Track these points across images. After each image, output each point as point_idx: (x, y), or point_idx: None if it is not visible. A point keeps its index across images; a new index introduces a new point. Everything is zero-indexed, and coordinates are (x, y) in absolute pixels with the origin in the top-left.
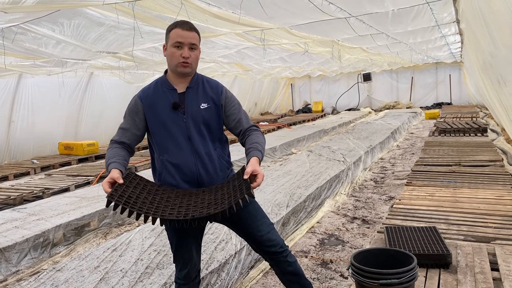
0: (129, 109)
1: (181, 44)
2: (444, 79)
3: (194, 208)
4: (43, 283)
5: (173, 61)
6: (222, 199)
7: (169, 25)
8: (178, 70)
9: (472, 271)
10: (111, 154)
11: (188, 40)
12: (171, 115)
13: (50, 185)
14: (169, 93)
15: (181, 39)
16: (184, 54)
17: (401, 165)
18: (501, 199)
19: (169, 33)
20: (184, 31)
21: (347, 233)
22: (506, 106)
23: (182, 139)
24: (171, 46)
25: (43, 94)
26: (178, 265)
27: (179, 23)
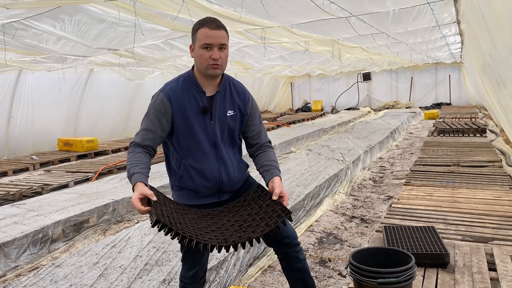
0: (155, 108)
1: (210, 45)
2: (444, 80)
3: (229, 232)
4: (42, 278)
5: (203, 63)
6: (253, 220)
7: (195, 24)
8: (208, 72)
9: (470, 271)
10: (134, 161)
11: (218, 40)
12: (199, 120)
13: (49, 181)
14: (198, 95)
15: (209, 40)
16: (214, 55)
17: (400, 164)
18: (499, 200)
19: (196, 33)
20: (212, 30)
21: (345, 232)
22: (505, 107)
23: (208, 145)
24: (200, 48)
25: (43, 90)
26: (187, 265)
27: (206, 21)
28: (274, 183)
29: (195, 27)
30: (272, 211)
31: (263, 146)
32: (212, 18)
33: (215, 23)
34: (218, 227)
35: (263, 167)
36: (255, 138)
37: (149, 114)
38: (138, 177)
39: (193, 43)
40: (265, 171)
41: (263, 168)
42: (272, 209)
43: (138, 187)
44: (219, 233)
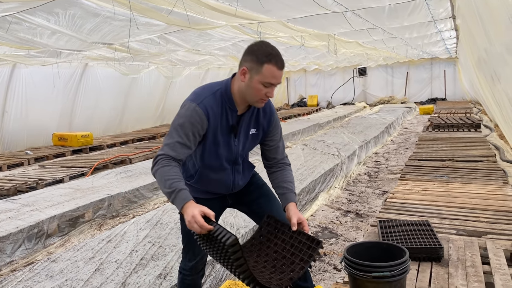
0: (192, 123)
1: (272, 84)
2: (439, 75)
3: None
4: (37, 273)
5: (255, 96)
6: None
7: (261, 53)
8: (255, 104)
9: (464, 264)
10: (174, 176)
11: (279, 80)
12: (225, 138)
13: (44, 176)
14: (230, 113)
15: (274, 81)
16: (270, 94)
17: (395, 159)
18: (493, 194)
19: (261, 66)
20: (279, 70)
21: (340, 227)
22: (499, 102)
23: (227, 162)
24: (259, 82)
25: (37, 85)
26: (187, 257)
27: (273, 56)
28: (290, 211)
29: (262, 59)
30: (299, 243)
31: (280, 163)
32: (276, 51)
33: (281, 60)
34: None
35: (279, 188)
36: (273, 153)
37: (185, 128)
38: (188, 195)
39: (250, 71)
40: (280, 194)
41: (279, 189)
42: (299, 241)
43: (194, 204)
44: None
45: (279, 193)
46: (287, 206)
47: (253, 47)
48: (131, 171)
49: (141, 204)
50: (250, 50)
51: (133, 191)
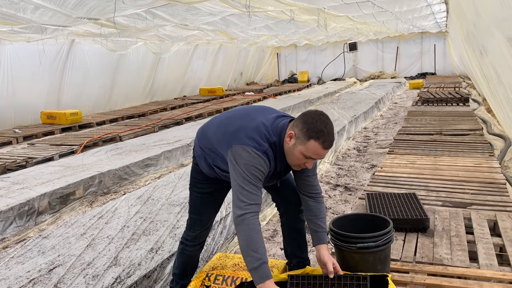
0: (259, 169)
1: (312, 159)
2: (429, 49)
3: None
4: (29, 249)
5: (293, 161)
6: None
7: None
8: (292, 166)
9: (448, 234)
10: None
11: (321, 157)
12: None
13: (33, 154)
14: (281, 163)
15: (315, 156)
16: (310, 165)
17: (384, 134)
18: (479, 167)
19: (308, 139)
20: (324, 149)
21: (329, 200)
22: (487, 76)
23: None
24: (301, 153)
25: (23, 62)
26: (192, 228)
27: (323, 135)
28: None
29: (310, 132)
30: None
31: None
32: (329, 129)
33: (330, 140)
34: None
35: (312, 223)
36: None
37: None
38: (269, 271)
39: (297, 138)
40: (313, 231)
41: (311, 224)
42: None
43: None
44: None
45: (311, 228)
46: (320, 248)
47: (308, 118)
48: (121, 148)
49: (132, 181)
50: (305, 119)
51: (123, 168)
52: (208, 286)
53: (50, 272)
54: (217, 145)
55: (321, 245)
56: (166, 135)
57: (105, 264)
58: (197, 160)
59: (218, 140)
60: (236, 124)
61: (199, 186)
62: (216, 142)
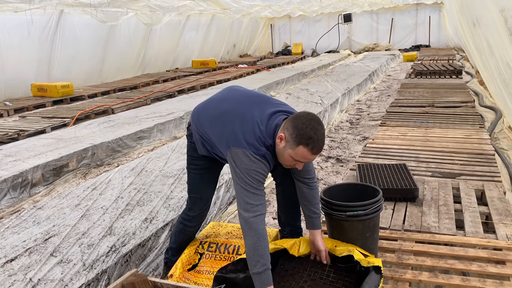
0: (260, 173)
1: (300, 162)
2: (424, 21)
3: None
4: (24, 220)
5: (284, 162)
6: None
7: (302, 134)
8: (282, 164)
9: (437, 203)
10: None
11: (310, 161)
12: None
13: (25, 127)
14: (275, 161)
15: (304, 160)
16: (299, 167)
17: (377, 106)
18: (469, 138)
19: (297, 145)
20: (312, 155)
21: (321, 171)
22: (479, 47)
23: None
24: (290, 156)
25: (11, 33)
26: (193, 207)
27: (312, 142)
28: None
29: (300, 139)
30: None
31: (306, 179)
32: (319, 135)
33: (320, 146)
34: None
35: (306, 208)
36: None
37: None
38: (271, 278)
39: (286, 142)
40: (307, 216)
41: (306, 209)
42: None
43: None
44: None
45: (305, 213)
46: (314, 233)
47: (298, 123)
48: (113, 121)
49: (125, 153)
50: (295, 123)
51: (116, 141)
52: (202, 253)
53: (46, 242)
54: (216, 142)
55: (315, 230)
56: (158, 107)
57: (100, 233)
58: (194, 141)
59: (216, 138)
60: (234, 124)
61: (197, 163)
62: (214, 138)
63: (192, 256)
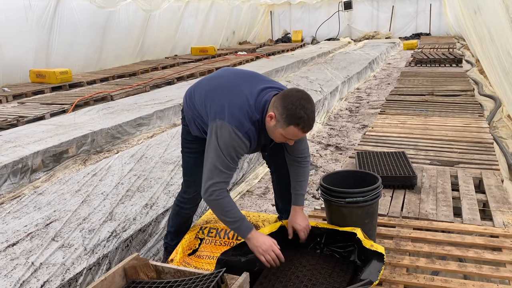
0: (237, 151)
1: (291, 140)
2: (425, 9)
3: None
4: (25, 205)
5: (275, 139)
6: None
7: (292, 114)
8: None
9: (435, 191)
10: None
11: (301, 138)
12: (255, 151)
13: (24, 113)
14: (264, 139)
15: (295, 138)
16: (291, 143)
17: (377, 95)
18: (468, 127)
19: (287, 125)
20: (303, 133)
21: (320, 159)
22: (480, 36)
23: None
24: (281, 134)
25: (8, 18)
26: (188, 190)
27: (302, 121)
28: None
29: (290, 119)
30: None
31: (297, 157)
32: (309, 114)
33: (310, 125)
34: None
35: (292, 186)
36: (293, 150)
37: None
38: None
39: (277, 120)
40: (293, 193)
41: (292, 187)
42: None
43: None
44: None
45: (291, 190)
46: (295, 209)
47: (288, 103)
48: (113, 107)
49: (125, 140)
50: (285, 103)
51: (116, 127)
52: (202, 239)
53: (47, 227)
54: (205, 116)
55: (297, 207)
56: (157, 94)
57: (100, 219)
58: (187, 122)
59: (205, 112)
60: (222, 97)
61: (190, 146)
62: (203, 113)
63: (192, 241)
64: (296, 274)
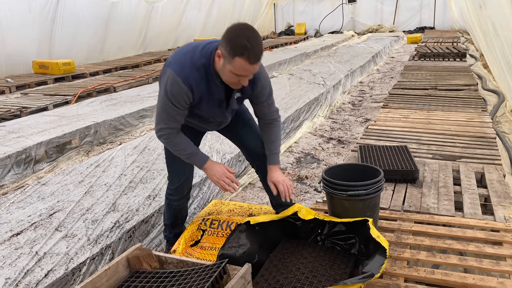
0: (177, 99)
1: (243, 76)
2: (429, 3)
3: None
4: (29, 195)
5: (228, 81)
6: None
7: (235, 44)
8: (230, 85)
9: (436, 185)
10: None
11: (252, 72)
12: (215, 111)
13: (27, 104)
14: (216, 88)
15: (245, 73)
16: (244, 82)
17: (380, 88)
18: (471, 121)
19: (233, 58)
20: (251, 65)
21: (322, 152)
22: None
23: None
24: (230, 72)
25: (12, 9)
26: (172, 180)
27: (247, 50)
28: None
29: (234, 50)
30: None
31: (267, 120)
32: (254, 41)
33: (256, 54)
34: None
35: (265, 147)
36: (260, 111)
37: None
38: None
39: (224, 57)
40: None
41: (265, 148)
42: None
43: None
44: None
45: (266, 152)
46: (271, 168)
47: (230, 34)
48: (115, 99)
49: (128, 132)
50: (228, 36)
51: (119, 119)
52: (204, 230)
53: (51, 217)
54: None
55: (272, 166)
56: None
57: (103, 209)
58: None
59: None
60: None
61: None
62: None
63: (194, 233)
64: (297, 266)
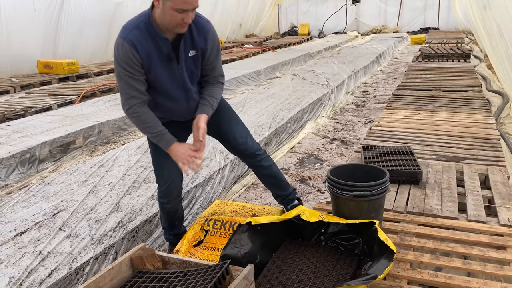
0: (125, 61)
1: (185, 10)
2: (433, 3)
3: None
4: (33, 195)
5: (171, 23)
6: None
7: None
8: (175, 30)
9: (440, 186)
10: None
11: (194, 4)
12: (167, 67)
13: (32, 103)
14: (161, 42)
15: (186, 6)
16: (187, 20)
17: (383, 89)
18: (475, 123)
19: None
20: None
21: (325, 153)
22: (489, 31)
23: (178, 91)
24: (171, 9)
25: (16, 8)
26: (159, 182)
27: None
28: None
29: None
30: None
31: (213, 80)
32: None
33: None
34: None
35: (202, 99)
36: (207, 72)
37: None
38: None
39: None
40: (200, 104)
41: (201, 100)
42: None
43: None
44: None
45: (200, 103)
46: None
47: None
48: (119, 99)
49: (131, 132)
50: None
51: (122, 119)
52: (207, 230)
53: (55, 216)
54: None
55: (200, 114)
56: None
57: (107, 209)
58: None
59: None
60: None
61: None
62: None
63: (197, 233)
64: (300, 266)
